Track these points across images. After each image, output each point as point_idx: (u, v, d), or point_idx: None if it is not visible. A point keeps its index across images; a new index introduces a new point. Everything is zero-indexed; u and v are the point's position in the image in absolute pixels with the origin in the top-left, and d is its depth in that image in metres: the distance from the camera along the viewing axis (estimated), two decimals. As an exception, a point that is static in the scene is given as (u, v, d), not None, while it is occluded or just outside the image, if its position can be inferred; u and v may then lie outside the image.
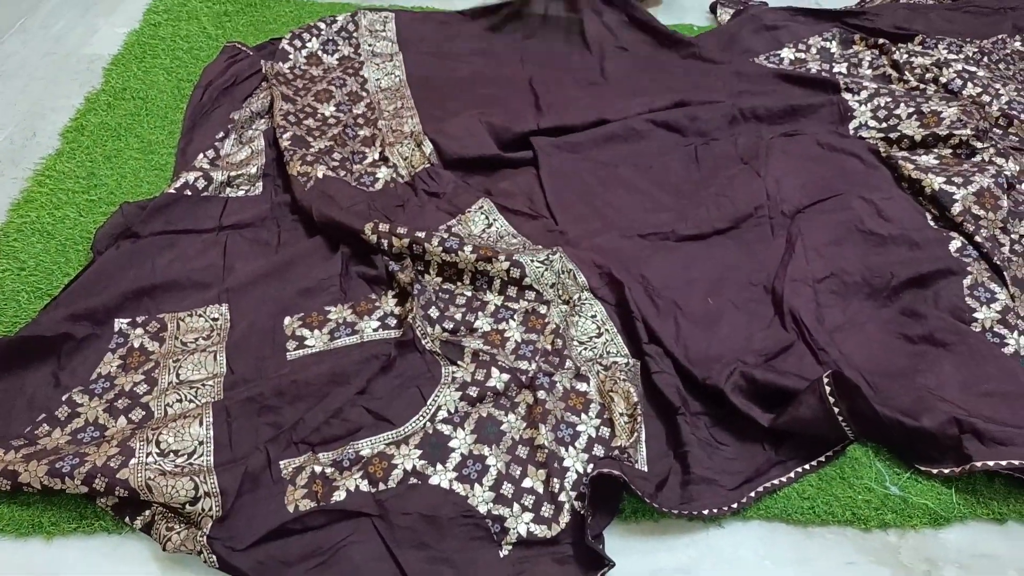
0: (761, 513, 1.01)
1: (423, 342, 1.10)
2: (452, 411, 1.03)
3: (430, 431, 1.00)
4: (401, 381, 1.05)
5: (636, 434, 1.01)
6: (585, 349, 1.15)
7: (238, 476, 0.91)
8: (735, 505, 0.99)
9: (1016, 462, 0.99)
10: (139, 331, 1.11)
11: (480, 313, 1.18)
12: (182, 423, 0.96)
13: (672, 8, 2.03)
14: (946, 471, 1.03)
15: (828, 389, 1.01)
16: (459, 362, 1.09)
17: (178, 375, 1.05)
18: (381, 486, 0.94)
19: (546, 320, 1.16)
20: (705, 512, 0.97)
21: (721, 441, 1.06)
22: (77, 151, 1.43)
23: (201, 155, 1.40)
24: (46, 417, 0.99)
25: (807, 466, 1.04)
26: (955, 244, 1.28)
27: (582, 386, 1.08)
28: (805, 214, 1.36)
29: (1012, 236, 1.33)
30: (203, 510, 0.88)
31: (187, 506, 0.88)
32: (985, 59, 1.80)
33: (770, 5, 1.98)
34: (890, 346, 1.17)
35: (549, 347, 1.13)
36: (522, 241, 1.28)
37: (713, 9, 2.01)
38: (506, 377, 1.07)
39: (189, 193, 1.30)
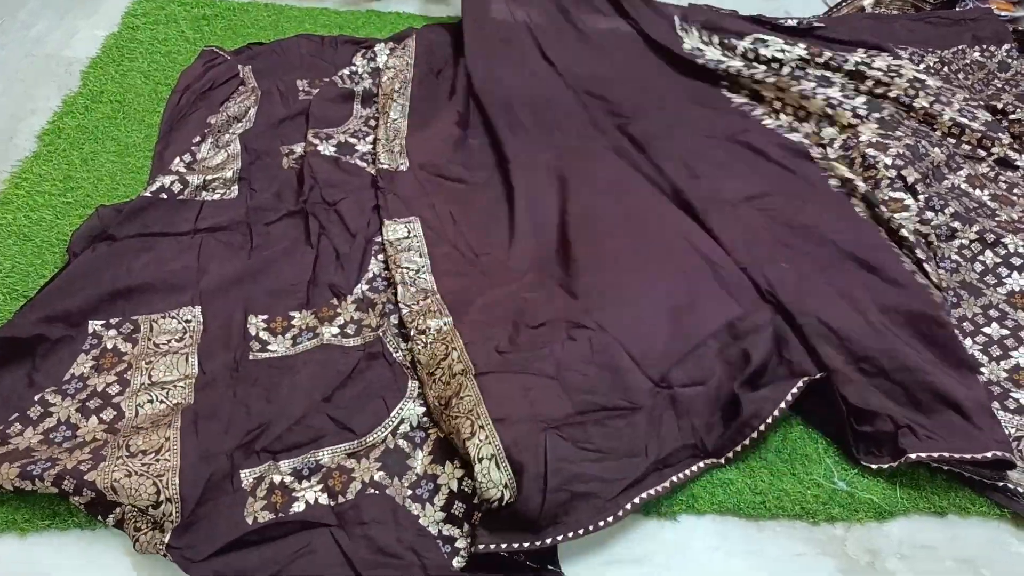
0: (714, 508, 1.06)
1: (394, 355, 1.13)
2: (414, 426, 1.06)
3: (391, 446, 1.03)
4: (366, 391, 1.08)
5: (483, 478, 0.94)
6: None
7: (200, 484, 0.93)
8: (611, 519, 0.97)
9: (946, 454, 1.05)
10: (112, 333, 1.13)
11: None
12: (152, 430, 0.98)
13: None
14: (884, 466, 1.08)
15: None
16: None
17: (150, 376, 1.07)
18: (340, 499, 0.97)
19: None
20: (580, 532, 0.95)
21: (600, 449, 1.02)
22: (54, 154, 1.45)
23: (177, 159, 1.43)
24: (19, 416, 1.01)
25: (686, 472, 1.04)
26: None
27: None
28: (740, 207, 1.40)
29: (933, 223, 1.41)
30: (164, 515, 0.90)
31: (150, 508, 0.90)
32: (945, 68, 1.86)
33: (740, 13, 2.02)
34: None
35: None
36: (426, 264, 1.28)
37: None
38: None
39: (165, 197, 1.32)
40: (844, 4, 2.15)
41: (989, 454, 1.06)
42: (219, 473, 0.96)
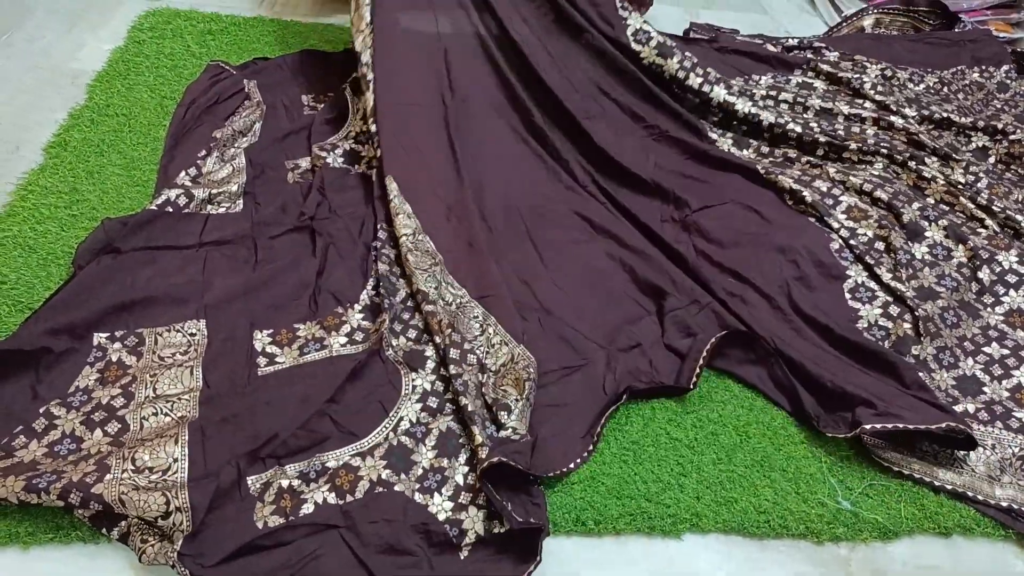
0: (718, 526, 1.06)
1: (386, 352, 1.14)
2: (414, 421, 1.08)
3: (394, 443, 1.05)
4: (367, 393, 1.09)
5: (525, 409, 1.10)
6: (471, 352, 1.17)
7: (209, 492, 0.93)
8: (591, 448, 1.10)
9: (900, 426, 1.09)
10: (117, 345, 1.13)
11: None
12: (158, 442, 0.98)
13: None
14: (840, 436, 1.13)
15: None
16: (420, 369, 1.14)
17: (155, 389, 1.07)
18: (348, 498, 0.98)
19: (439, 318, 1.19)
20: (571, 465, 1.07)
21: (563, 402, 1.15)
22: (60, 166, 1.46)
23: (183, 172, 1.43)
24: (23, 429, 1.01)
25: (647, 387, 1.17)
26: (835, 244, 1.43)
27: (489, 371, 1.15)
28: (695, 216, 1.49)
29: (927, 233, 1.46)
30: (174, 524, 0.90)
31: (159, 520, 0.90)
32: (945, 88, 1.88)
33: (741, 32, 2.05)
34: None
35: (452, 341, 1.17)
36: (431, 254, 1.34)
37: (686, 35, 2.07)
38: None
39: (170, 210, 1.32)
40: (845, 24, 2.17)
41: (943, 424, 1.08)
42: (227, 481, 0.96)
